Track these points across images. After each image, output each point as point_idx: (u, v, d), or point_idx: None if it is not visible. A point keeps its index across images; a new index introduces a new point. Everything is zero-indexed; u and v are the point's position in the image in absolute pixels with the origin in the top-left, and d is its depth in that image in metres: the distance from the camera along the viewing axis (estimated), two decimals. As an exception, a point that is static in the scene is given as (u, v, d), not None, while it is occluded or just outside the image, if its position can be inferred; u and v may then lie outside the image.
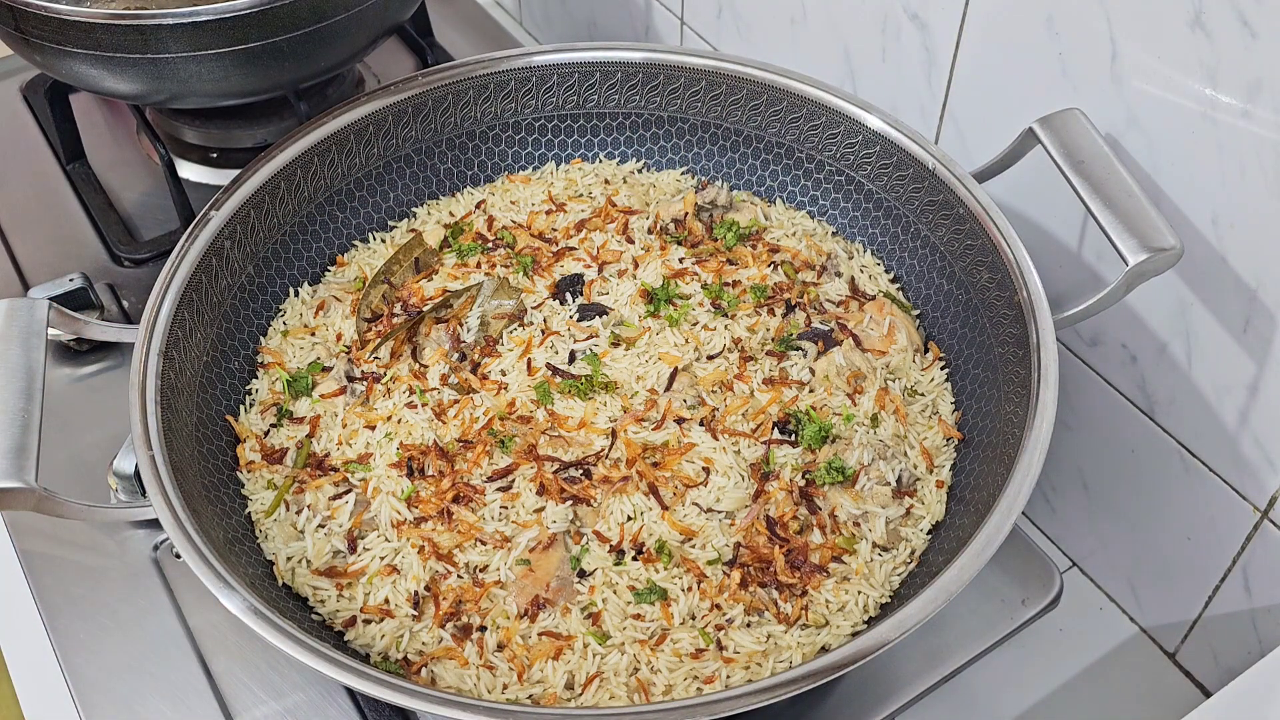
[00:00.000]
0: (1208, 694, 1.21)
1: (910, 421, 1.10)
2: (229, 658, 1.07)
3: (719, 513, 1.02)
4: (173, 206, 1.41)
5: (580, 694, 0.93)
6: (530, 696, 0.93)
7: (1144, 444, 1.17)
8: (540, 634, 0.96)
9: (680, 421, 1.07)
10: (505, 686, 0.94)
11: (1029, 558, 1.13)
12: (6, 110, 1.61)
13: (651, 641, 0.95)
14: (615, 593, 0.97)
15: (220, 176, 1.50)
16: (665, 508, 1.01)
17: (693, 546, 1.00)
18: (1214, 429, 1.09)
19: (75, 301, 1.31)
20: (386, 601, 0.97)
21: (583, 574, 0.99)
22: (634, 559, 0.99)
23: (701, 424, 1.07)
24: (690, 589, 0.98)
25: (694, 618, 0.97)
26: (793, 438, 1.07)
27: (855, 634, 0.93)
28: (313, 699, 1.05)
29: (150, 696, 1.05)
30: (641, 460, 1.04)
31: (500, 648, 0.96)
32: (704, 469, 1.04)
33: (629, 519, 1.01)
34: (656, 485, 1.02)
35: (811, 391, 1.10)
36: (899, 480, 1.04)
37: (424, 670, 0.95)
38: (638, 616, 0.96)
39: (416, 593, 0.97)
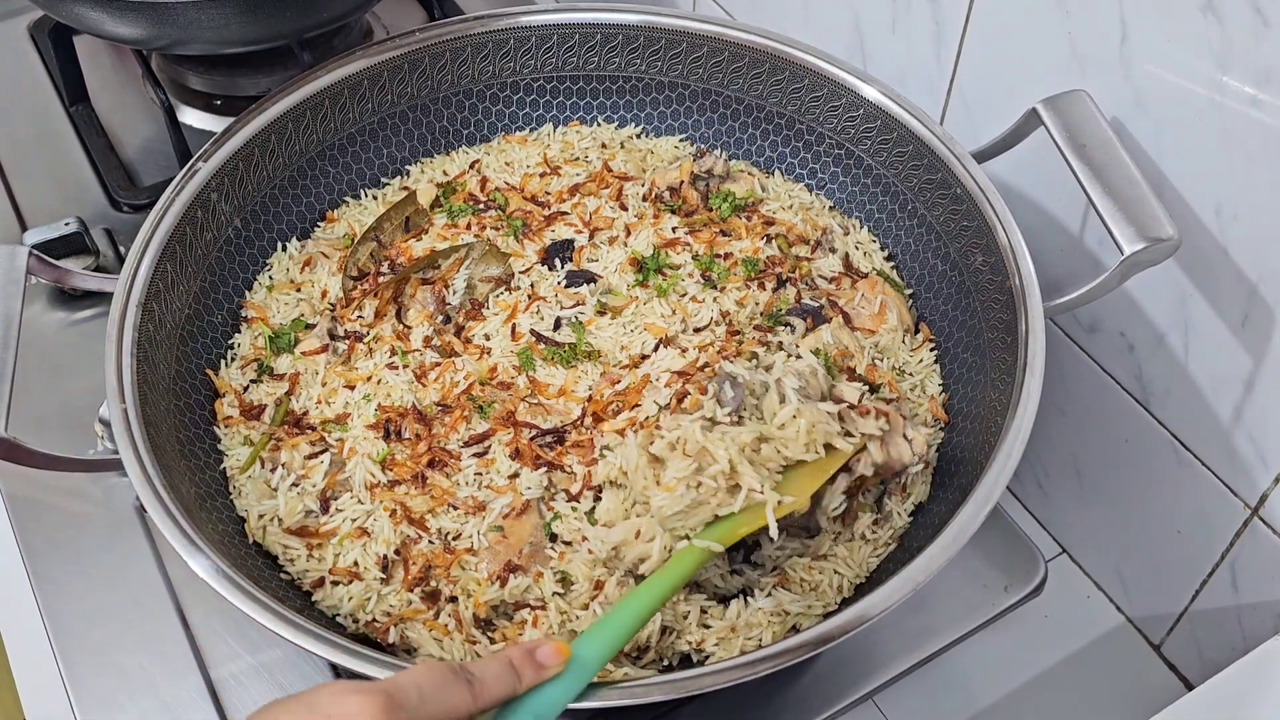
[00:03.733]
0: (1190, 687, 1.20)
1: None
2: (207, 611, 1.07)
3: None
4: (174, 153, 1.41)
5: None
6: None
7: (1137, 434, 1.15)
8: (515, 605, 0.95)
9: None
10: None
11: (1014, 545, 1.12)
12: (13, 49, 1.61)
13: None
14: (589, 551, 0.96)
15: (223, 124, 1.48)
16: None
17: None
18: (1208, 423, 1.07)
19: (71, 246, 1.31)
20: (355, 564, 0.96)
21: (555, 539, 0.98)
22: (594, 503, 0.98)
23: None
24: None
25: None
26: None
27: (828, 614, 0.92)
28: (288, 655, 1.05)
29: (128, 645, 1.05)
30: (607, 413, 1.03)
31: (478, 621, 0.94)
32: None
33: (593, 460, 1.00)
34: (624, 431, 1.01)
35: (797, 369, 1.09)
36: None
37: (391, 630, 0.94)
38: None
39: (385, 556, 0.96)
